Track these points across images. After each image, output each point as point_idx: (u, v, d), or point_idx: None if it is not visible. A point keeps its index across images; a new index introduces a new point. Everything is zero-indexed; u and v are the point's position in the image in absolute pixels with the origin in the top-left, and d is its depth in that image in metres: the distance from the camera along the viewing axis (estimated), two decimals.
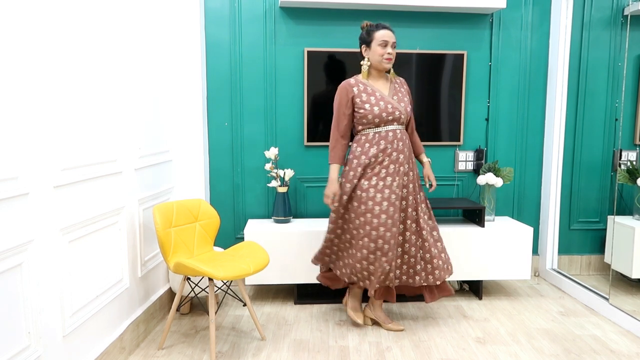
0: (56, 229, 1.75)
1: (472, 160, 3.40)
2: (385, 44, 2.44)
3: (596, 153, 3.39)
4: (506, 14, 3.31)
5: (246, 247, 2.52)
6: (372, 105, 2.47)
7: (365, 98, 2.49)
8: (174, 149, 2.99)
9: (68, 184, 1.82)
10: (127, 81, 2.31)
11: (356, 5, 3.10)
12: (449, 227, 3.02)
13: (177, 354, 2.37)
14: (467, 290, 3.26)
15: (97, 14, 2.02)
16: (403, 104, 2.54)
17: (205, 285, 2.74)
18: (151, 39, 2.61)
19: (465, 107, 3.35)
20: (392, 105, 2.48)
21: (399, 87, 2.59)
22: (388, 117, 2.47)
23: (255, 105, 3.23)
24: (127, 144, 2.33)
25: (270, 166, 3.04)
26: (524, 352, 2.42)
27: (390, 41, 2.45)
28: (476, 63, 3.33)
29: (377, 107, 2.47)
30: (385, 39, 2.44)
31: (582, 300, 3.06)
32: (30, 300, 1.60)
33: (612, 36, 3.28)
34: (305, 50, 3.16)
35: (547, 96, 3.41)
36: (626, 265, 3.02)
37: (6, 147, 1.47)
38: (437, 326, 2.71)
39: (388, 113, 2.47)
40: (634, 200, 3.15)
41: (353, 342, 2.52)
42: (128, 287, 2.35)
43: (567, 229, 3.47)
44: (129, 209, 2.37)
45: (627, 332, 2.65)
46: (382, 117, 2.47)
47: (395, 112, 2.48)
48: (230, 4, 3.14)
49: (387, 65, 2.49)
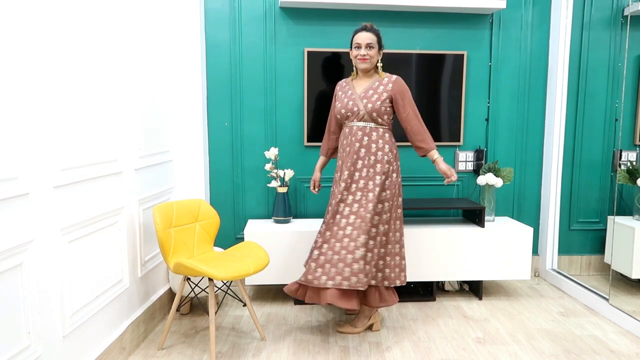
0: (56, 229, 1.75)
1: (472, 160, 3.40)
2: (358, 46, 2.53)
3: (596, 153, 3.39)
4: (506, 14, 3.31)
5: (246, 247, 2.52)
6: (341, 102, 2.60)
7: (340, 95, 2.63)
8: (174, 149, 2.99)
9: (68, 184, 1.82)
10: (127, 81, 2.31)
11: (356, 6, 3.10)
12: (449, 227, 3.02)
13: (177, 354, 2.37)
14: (467, 290, 3.26)
15: (97, 14, 2.02)
16: (366, 100, 2.51)
17: (205, 285, 2.74)
18: (151, 40, 2.61)
19: (465, 107, 3.35)
20: (353, 102, 2.55)
21: (378, 86, 2.54)
22: (347, 113, 2.57)
23: (255, 105, 3.23)
24: (127, 144, 2.33)
25: (270, 166, 3.05)
26: (524, 352, 2.42)
27: (364, 43, 2.51)
28: (476, 63, 3.33)
29: (340, 104, 2.59)
30: (358, 41, 2.53)
31: (582, 301, 3.06)
32: (30, 300, 1.60)
33: (612, 36, 3.28)
34: (305, 50, 3.16)
35: (547, 96, 3.41)
36: (626, 266, 3.02)
37: (6, 147, 1.47)
38: (437, 326, 2.71)
39: (347, 109, 2.56)
40: (634, 200, 3.15)
41: (353, 342, 2.52)
42: (128, 287, 2.35)
43: (567, 229, 3.47)
44: (129, 209, 2.37)
45: (627, 332, 2.65)
46: (342, 114, 2.59)
47: (354, 108, 2.54)
48: (230, 5, 3.14)
49: (361, 65, 2.55)
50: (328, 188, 3.33)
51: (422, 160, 3.37)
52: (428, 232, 2.97)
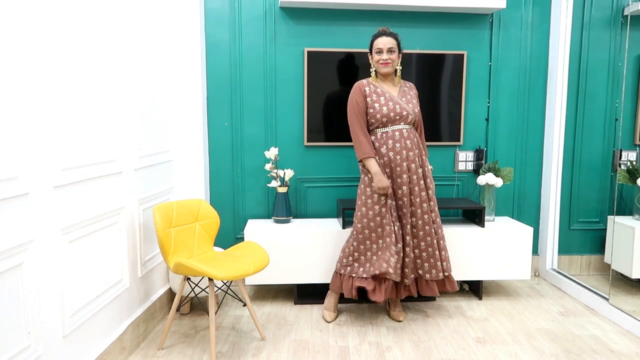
0: (56, 229, 1.75)
1: (472, 160, 3.40)
2: (379, 51, 2.59)
3: (596, 153, 3.39)
4: (506, 14, 3.31)
5: (246, 247, 2.52)
6: (381, 105, 2.59)
7: (375, 98, 2.61)
8: (174, 149, 2.99)
9: (68, 184, 1.82)
10: (127, 81, 2.31)
11: (356, 6, 3.10)
12: (449, 227, 3.02)
13: (177, 354, 2.38)
14: (467, 290, 3.26)
15: (97, 14, 2.02)
16: (411, 105, 2.65)
17: (205, 285, 2.74)
18: (151, 39, 2.61)
19: (465, 107, 3.35)
20: (400, 106, 2.60)
21: (408, 90, 2.71)
22: (396, 117, 2.59)
23: (255, 105, 3.23)
24: (127, 144, 2.33)
25: (270, 166, 3.05)
26: (524, 352, 2.42)
27: (385, 48, 2.58)
28: (476, 63, 3.33)
29: (386, 107, 2.59)
30: (380, 46, 2.58)
31: (582, 300, 3.06)
32: (30, 300, 1.60)
33: (612, 36, 3.28)
34: (305, 50, 3.16)
35: (547, 96, 3.41)
36: (626, 265, 3.02)
37: (6, 147, 1.47)
38: (437, 326, 2.71)
39: (396, 113, 2.59)
40: (634, 200, 3.15)
41: (353, 342, 2.52)
42: (128, 287, 2.35)
43: (567, 229, 3.47)
44: (129, 209, 2.37)
45: (627, 332, 2.65)
46: (390, 117, 2.59)
47: (403, 112, 2.60)
48: (230, 4, 3.14)
49: (383, 69, 2.61)
50: (324, 188, 3.33)
51: None
52: None
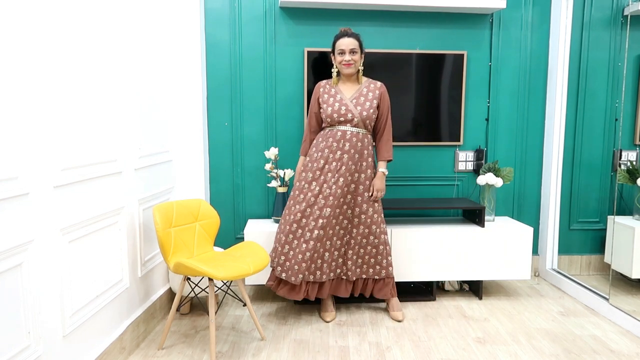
0: (56, 229, 1.75)
1: (472, 160, 3.40)
2: (342, 52, 2.62)
3: (596, 153, 3.39)
4: (506, 14, 3.31)
5: (246, 247, 2.52)
6: (328, 106, 2.67)
7: (325, 98, 2.69)
8: (174, 149, 2.99)
9: (68, 184, 1.82)
10: (127, 81, 2.31)
11: (356, 6, 3.10)
12: (449, 227, 3.02)
13: (177, 354, 2.38)
14: (467, 290, 3.26)
15: (97, 14, 2.02)
16: (360, 107, 2.64)
17: (205, 285, 2.74)
18: (151, 39, 2.61)
19: (465, 107, 3.35)
20: (346, 108, 2.63)
21: (367, 92, 2.68)
22: (339, 118, 2.63)
23: (255, 105, 3.23)
24: (127, 144, 2.33)
25: (270, 166, 3.04)
26: (524, 352, 2.42)
27: (347, 49, 2.60)
28: (476, 63, 3.33)
29: (331, 108, 2.65)
30: (342, 47, 2.61)
31: (582, 300, 3.06)
32: (30, 300, 1.60)
33: (612, 36, 3.28)
34: (305, 50, 3.16)
35: (547, 96, 3.41)
36: (626, 265, 3.02)
37: (6, 147, 1.47)
38: (437, 326, 2.71)
39: (340, 114, 2.63)
40: (634, 200, 3.15)
41: (353, 342, 2.52)
42: (128, 287, 2.35)
43: (567, 229, 3.47)
44: (129, 209, 2.37)
45: (627, 332, 2.65)
46: (333, 118, 2.64)
47: (348, 114, 2.63)
48: (230, 4, 3.14)
49: (345, 70, 2.64)
50: None
51: (422, 160, 3.38)
52: (428, 232, 2.97)
